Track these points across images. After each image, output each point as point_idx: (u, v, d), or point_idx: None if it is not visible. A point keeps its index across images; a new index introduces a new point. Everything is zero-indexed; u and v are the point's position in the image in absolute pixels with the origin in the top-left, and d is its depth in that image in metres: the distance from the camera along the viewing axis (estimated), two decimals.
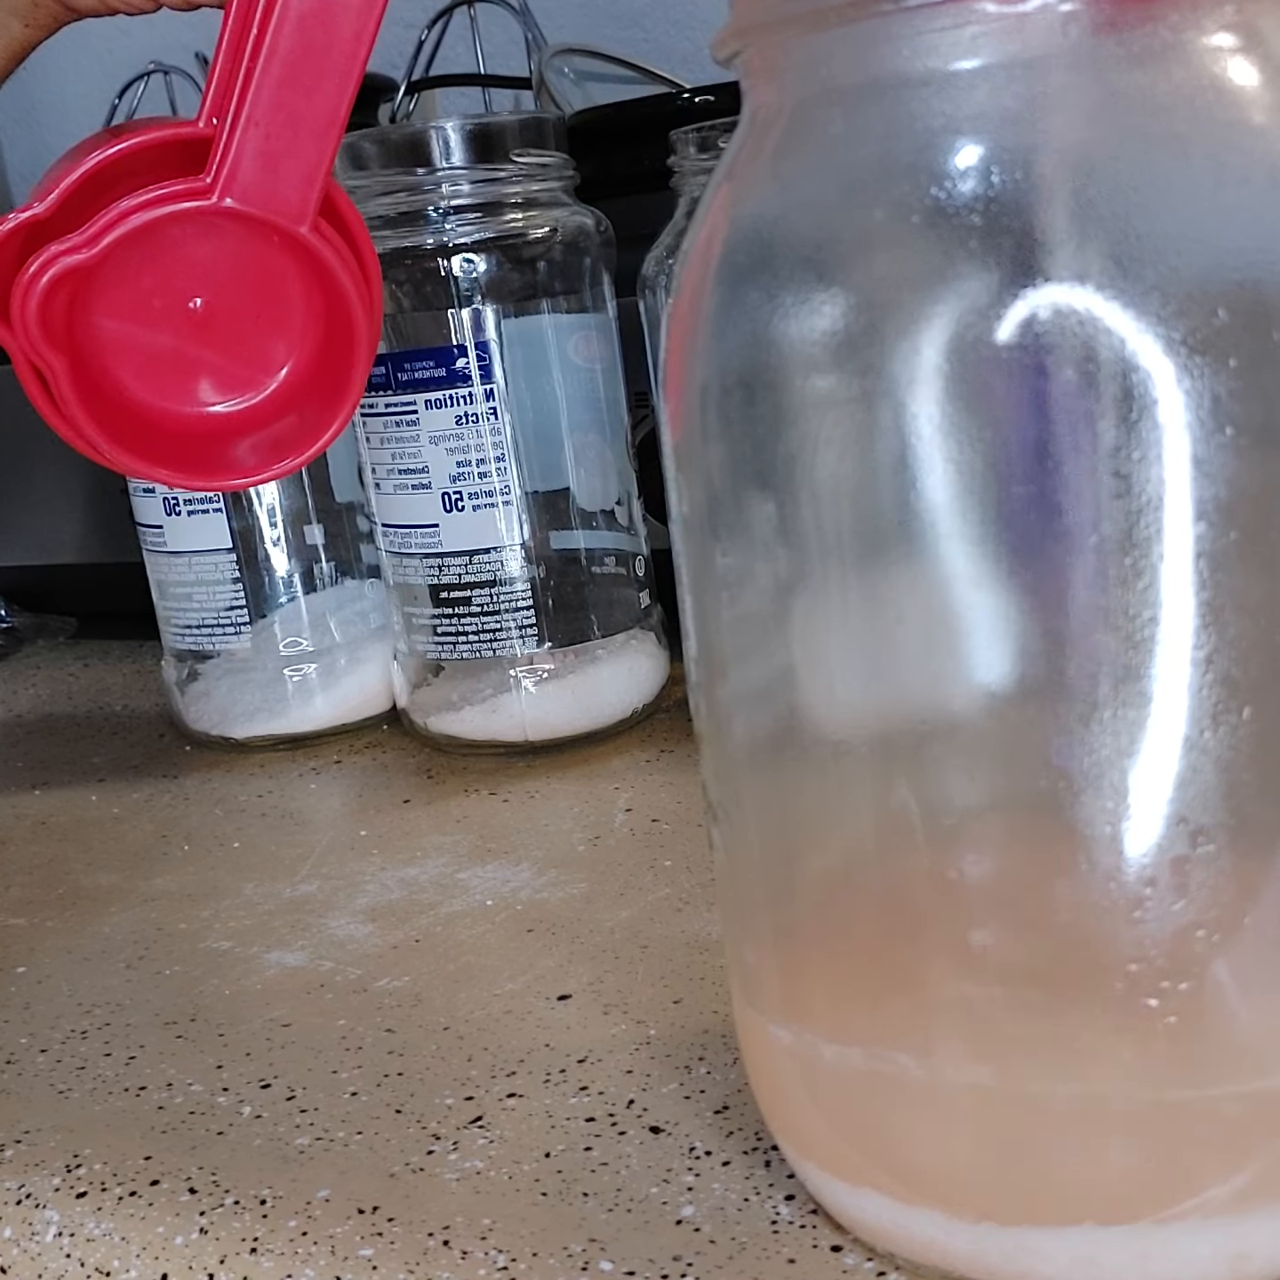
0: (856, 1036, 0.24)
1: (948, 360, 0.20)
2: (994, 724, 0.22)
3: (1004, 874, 0.22)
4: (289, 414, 0.39)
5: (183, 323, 0.38)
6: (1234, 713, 0.21)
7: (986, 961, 0.22)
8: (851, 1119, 0.25)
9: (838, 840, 0.24)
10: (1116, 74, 0.21)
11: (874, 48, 0.21)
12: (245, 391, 0.39)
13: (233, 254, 0.37)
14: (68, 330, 0.37)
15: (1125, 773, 0.21)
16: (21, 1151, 0.32)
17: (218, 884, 0.46)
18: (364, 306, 0.38)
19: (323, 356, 0.39)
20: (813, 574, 0.23)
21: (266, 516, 0.58)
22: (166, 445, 0.39)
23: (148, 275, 0.37)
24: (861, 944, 0.24)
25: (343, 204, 0.38)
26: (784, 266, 0.22)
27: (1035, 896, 0.22)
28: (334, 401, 0.39)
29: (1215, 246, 0.20)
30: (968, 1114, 0.23)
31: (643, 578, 0.56)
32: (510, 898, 0.42)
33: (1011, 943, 0.22)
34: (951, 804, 0.22)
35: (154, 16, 0.43)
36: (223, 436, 0.39)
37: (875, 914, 0.24)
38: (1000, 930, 0.22)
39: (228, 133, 0.35)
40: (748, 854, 0.25)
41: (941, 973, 0.23)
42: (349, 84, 0.36)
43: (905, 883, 0.23)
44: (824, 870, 0.24)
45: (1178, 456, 0.20)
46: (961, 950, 0.22)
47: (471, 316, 0.51)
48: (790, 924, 0.25)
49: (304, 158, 0.36)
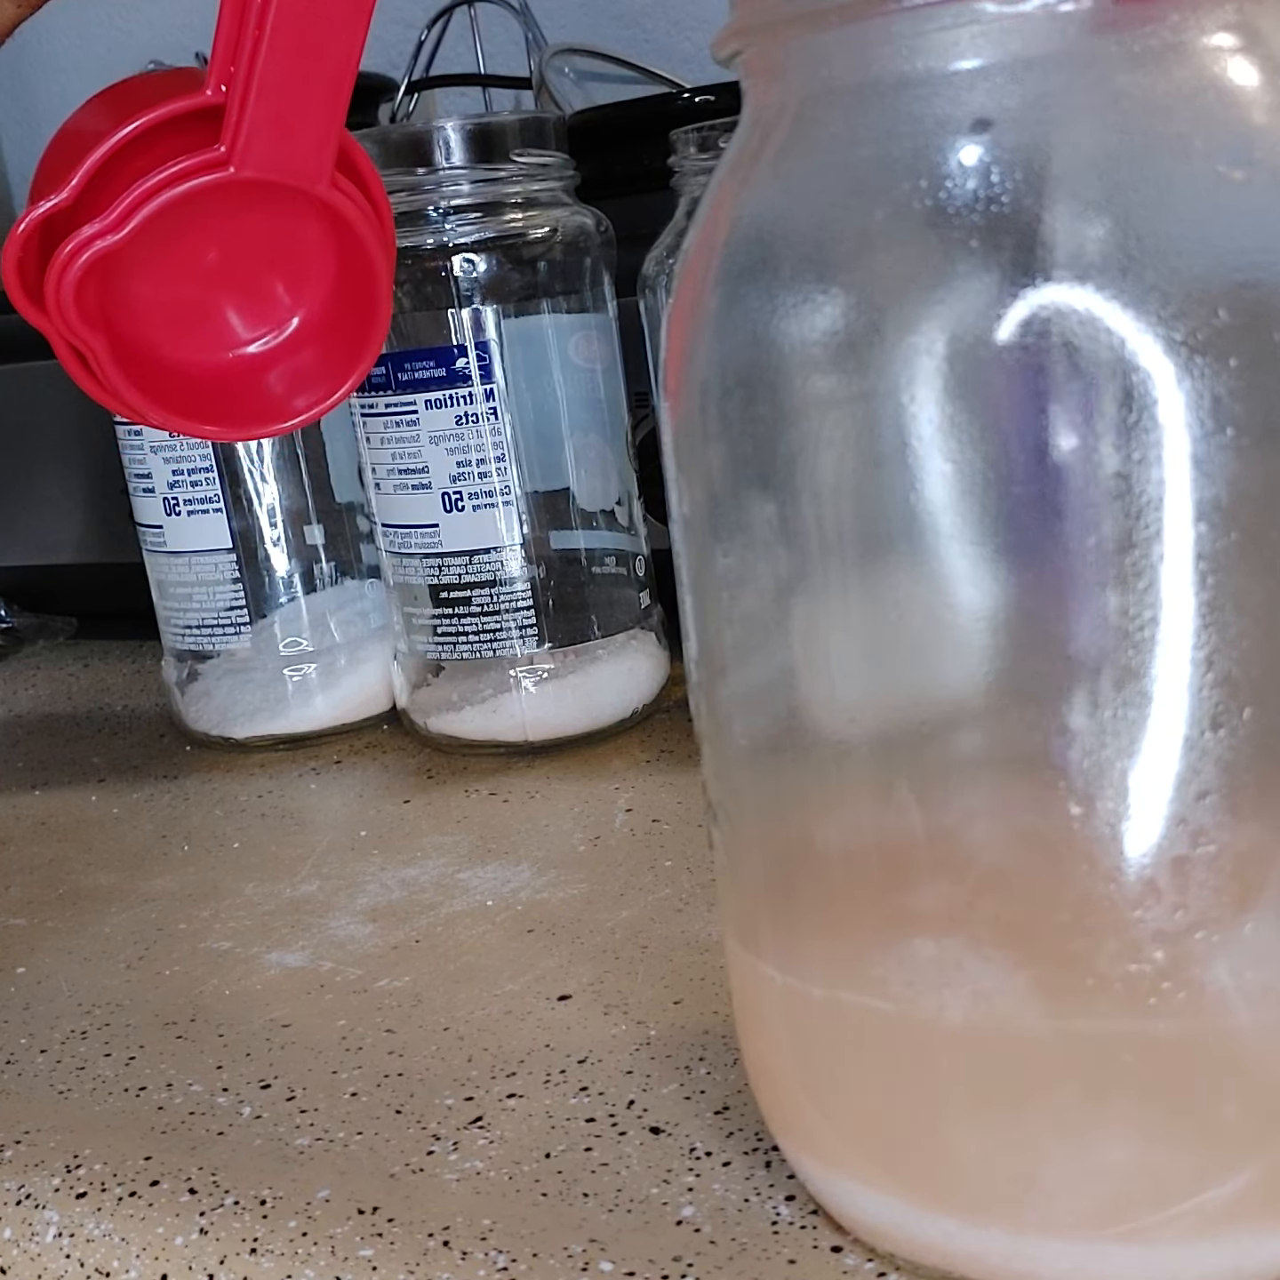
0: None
1: (948, 360, 0.20)
2: (994, 724, 0.22)
3: (1004, 875, 0.22)
4: (315, 347, 0.40)
5: (208, 278, 0.39)
6: (1234, 713, 0.21)
7: (985, 959, 0.22)
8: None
9: (838, 840, 0.24)
10: (1116, 74, 0.21)
11: (874, 48, 0.21)
12: (271, 326, 0.40)
13: (252, 213, 0.38)
14: (100, 308, 0.37)
15: (1125, 773, 0.21)
16: (21, 1152, 0.32)
17: (218, 884, 0.46)
18: (382, 249, 0.39)
19: (344, 298, 0.40)
20: (813, 574, 0.23)
21: (266, 516, 0.58)
22: (208, 401, 0.40)
23: (174, 245, 0.38)
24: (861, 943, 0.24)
25: (354, 152, 0.39)
26: (784, 266, 0.22)
27: (1035, 897, 0.22)
28: (360, 341, 0.40)
29: (1216, 246, 0.20)
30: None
31: (643, 578, 0.56)
32: (510, 898, 0.42)
33: (1011, 942, 0.22)
34: (951, 804, 0.22)
35: (154, 16, 0.43)
36: (259, 378, 0.41)
37: (872, 917, 0.24)
38: (1000, 931, 0.22)
39: (240, 102, 0.36)
40: (748, 855, 0.25)
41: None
42: (356, 39, 0.36)
43: (904, 883, 0.23)
44: (824, 869, 0.24)
45: (1178, 457, 0.20)
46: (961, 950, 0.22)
47: (471, 316, 0.51)
48: (790, 924, 0.25)
49: (316, 118, 0.36)
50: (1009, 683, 0.22)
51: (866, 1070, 0.24)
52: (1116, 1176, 0.23)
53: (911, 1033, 0.23)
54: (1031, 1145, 0.23)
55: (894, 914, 0.23)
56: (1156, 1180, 0.23)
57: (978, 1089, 0.23)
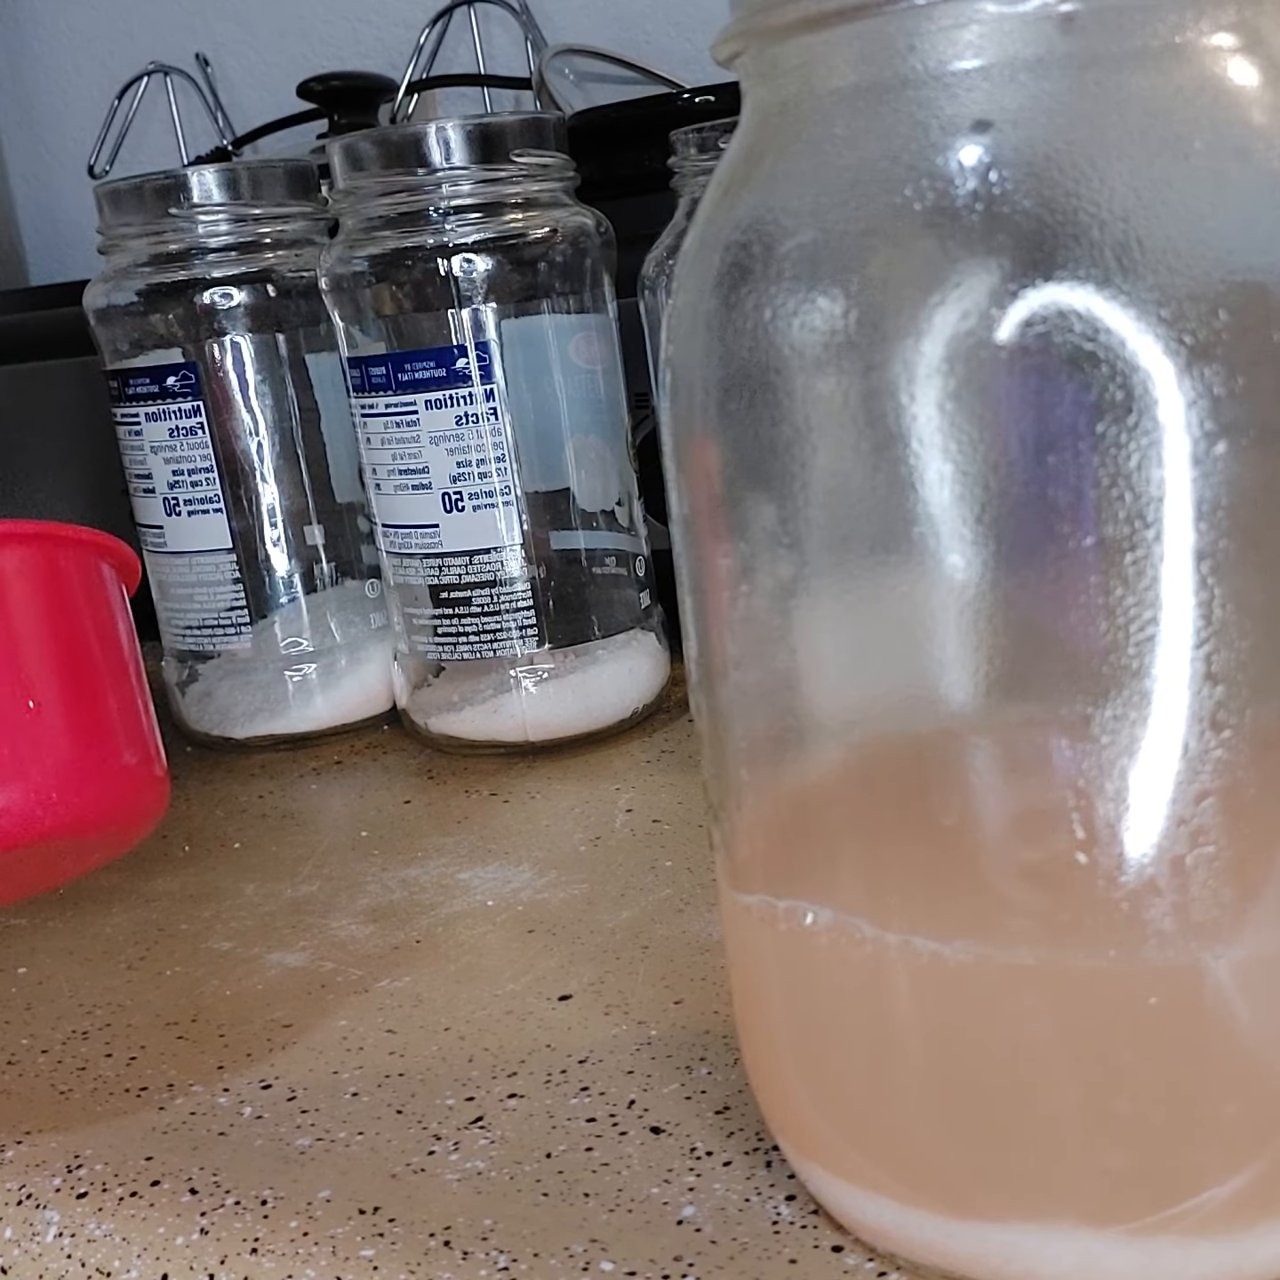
0: None
1: (948, 360, 0.20)
2: (994, 725, 0.22)
3: (1004, 875, 0.22)
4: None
5: None
6: (1234, 713, 0.21)
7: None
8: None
9: (838, 839, 0.24)
10: (1117, 74, 0.21)
11: (874, 48, 0.21)
12: None
13: None
14: None
15: (1125, 773, 0.21)
16: (22, 1152, 0.32)
17: (219, 884, 0.46)
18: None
19: None
20: (813, 574, 0.23)
21: (266, 517, 0.58)
22: None
23: None
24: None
25: None
26: (785, 267, 0.22)
27: (1035, 897, 0.22)
28: None
29: (1216, 247, 0.20)
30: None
31: (643, 578, 0.56)
32: (511, 898, 0.42)
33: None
34: (951, 804, 0.22)
35: (154, 16, 0.43)
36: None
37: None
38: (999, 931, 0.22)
39: None
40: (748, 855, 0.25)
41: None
42: None
43: (904, 883, 0.23)
44: (825, 869, 0.24)
45: (1178, 457, 0.20)
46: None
47: (471, 317, 0.51)
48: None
49: None
50: (1009, 683, 0.22)
51: (867, 1070, 0.24)
52: (1117, 1176, 0.23)
53: (913, 1031, 0.23)
54: (1033, 1146, 0.23)
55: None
56: (1156, 1180, 0.23)
57: (979, 1089, 0.23)
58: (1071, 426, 0.20)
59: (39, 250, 1.09)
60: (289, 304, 0.57)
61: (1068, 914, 0.22)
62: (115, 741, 0.36)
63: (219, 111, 0.94)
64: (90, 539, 0.38)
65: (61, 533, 0.37)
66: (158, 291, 0.56)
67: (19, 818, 0.33)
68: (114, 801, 0.36)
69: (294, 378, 0.58)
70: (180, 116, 0.96)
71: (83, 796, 0.34)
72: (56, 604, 0.36)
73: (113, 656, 0.37)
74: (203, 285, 0.56)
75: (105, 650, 0.37)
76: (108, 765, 0.35)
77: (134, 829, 0.38)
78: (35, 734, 0.34)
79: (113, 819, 0.36)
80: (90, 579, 0.38)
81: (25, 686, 0.34)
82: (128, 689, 0.37)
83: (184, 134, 0.96)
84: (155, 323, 0.57)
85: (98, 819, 0.35)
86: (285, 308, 0.57)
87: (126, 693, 0.37)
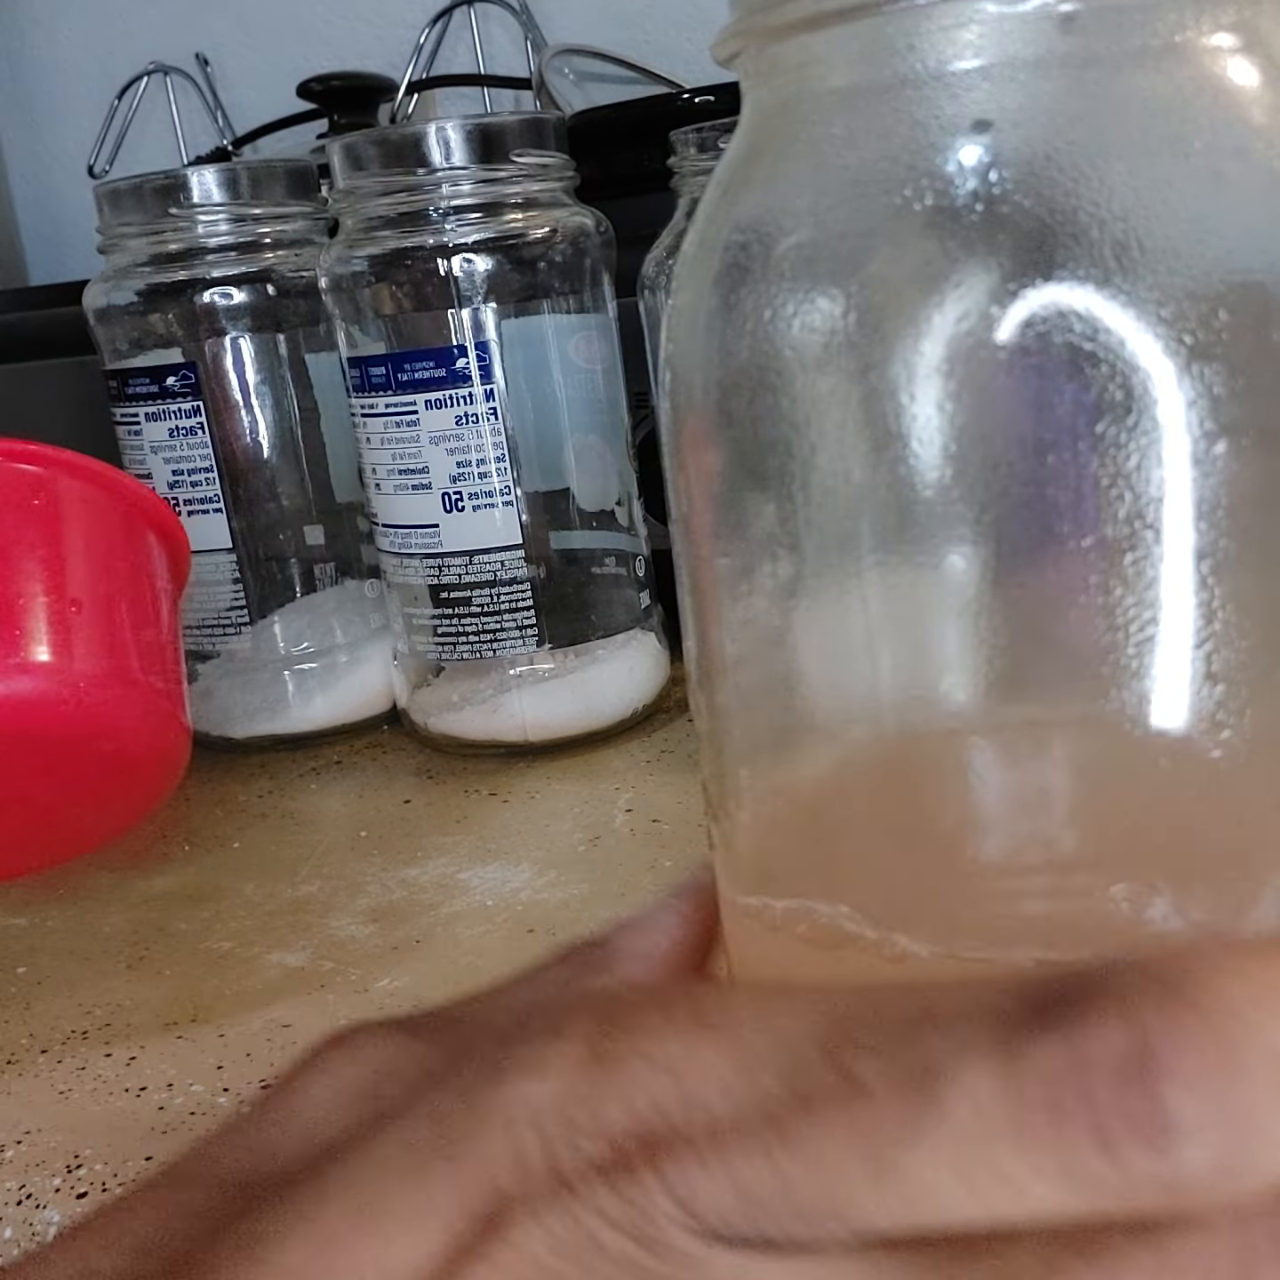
0: None
1: (948, 360, 0.20)
2: (994, 725, 0.22)
3: (1004, 875, 0.22)
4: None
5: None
6: (1234, 713, 0.21)
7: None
8: None
9: (838, 839, 0.24)
10: (1116, 74, 0.21)
11: (873, 47, 0.21)
12: None
13: None
14: None
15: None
16: (22, 1152, 0.32)
17: (218, 884, 0.46)
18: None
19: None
20: (813, 574, 0.23)
21: (266, 517, 0.58)
22: None
23: None
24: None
25: None
26: (785, 267, 0.22)
27: (1036, 899, 0.22)
28: None
29: (1216, 247, 0.20)
30: None
31: (643, 578, 0.56)
32: (511, 898, 0.42)
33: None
34: (951, 805, 0.22)
35: (154, 17, 0.43)
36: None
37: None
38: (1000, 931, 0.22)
39: None
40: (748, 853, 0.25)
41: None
42: None
43: (904, 883, 0.23)
44: (825, 869, 0.24)
45: (1178, 457, 0.20)
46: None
47: (471, 317, 0.51)
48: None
49: None
50: (1009, 683, 0.22)
51: None
52: None
53: None
54: None
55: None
56: None
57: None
58: (1071, 426, 0.20)
59: (39, 250, 1.09)
60: (289, 304, 0.57)
61: (1068, 917, 0.22)
62: (143, 662, 0.39)
63: (219, 111, 0.95)
64: (140, 499, 0.43)
65: (123, 480, 0.43)
66: (157, 291, 0.57)
67: (47, 695, 0.37)
68: (135, 713, 0.39)
69: (294, 377, 0.58)
70: (180, 116, 0.96)
71: (107, 695, 0.38)
72: (104, 536, 0.41)
73: (149, 599, 0.42)
74: (202, 285, 0.56)
75: (140, 588, 0.42)
76: (133, 678, 0.39)
77: (152, 767, 0.40)
78: (72, 626, 0.38)
79: (132, 735, 0.38)
80: (134, 528, 0.42)
81: (71, 589, 0.38)
82: (158, 629, 0.41)
83: (184, 134, 0.96)
84: (155, 322, 0.57)
85: (116, 726, 0.38)
86: (285, 307, 0.57)
87: (157, 633, 0.41)
